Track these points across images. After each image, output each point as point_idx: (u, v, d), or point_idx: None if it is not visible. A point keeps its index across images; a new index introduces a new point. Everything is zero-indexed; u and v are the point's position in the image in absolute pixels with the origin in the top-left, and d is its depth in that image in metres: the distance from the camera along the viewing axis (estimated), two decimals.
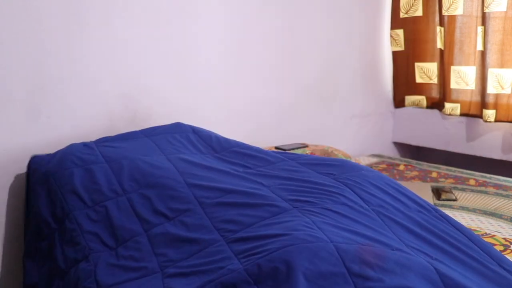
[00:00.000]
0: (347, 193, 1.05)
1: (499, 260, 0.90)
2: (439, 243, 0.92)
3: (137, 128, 1.66)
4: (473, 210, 1.53)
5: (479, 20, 2.20)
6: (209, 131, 1.55)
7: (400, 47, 2.58)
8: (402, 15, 2.52)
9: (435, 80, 2.49)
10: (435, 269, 0.76)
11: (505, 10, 2.11)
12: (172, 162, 1.25)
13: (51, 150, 1.47)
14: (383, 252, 0.78)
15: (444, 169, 2.14)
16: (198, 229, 0.96)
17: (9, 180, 1.41)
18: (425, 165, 2.23)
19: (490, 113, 2.22)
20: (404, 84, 2.63)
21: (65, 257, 1.05)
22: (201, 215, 1.00)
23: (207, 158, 1.33)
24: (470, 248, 0.92)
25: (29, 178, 1.33)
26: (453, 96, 2.38)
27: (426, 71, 2.52)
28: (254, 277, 0.76)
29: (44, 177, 1.26)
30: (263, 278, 0.75)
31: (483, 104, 2.24)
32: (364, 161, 2.34)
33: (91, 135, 1.55)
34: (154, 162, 1.25)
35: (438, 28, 2.38)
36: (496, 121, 2.22)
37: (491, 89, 2.20)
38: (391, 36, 2.60)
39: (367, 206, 1.01)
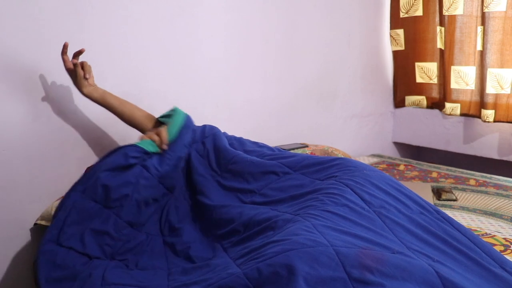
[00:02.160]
0: (348, 194, 1.04)
1: (501, 262, 0.88)
2: (441, 246, 0.91)
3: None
4: (473, 210, 1.53)
5: (479, 20, 2.20)
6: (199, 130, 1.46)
7: (401, 47, 2.58)
8: (402, 15, 2.52)
9: (435, 80, 2.49)
10: (436, 272, 0.75)
11: (504, 10, 2.11)
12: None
13: (51, 150, 1.47)
14: (383, 256, 0.77)
15: (444, 169, 2.14)
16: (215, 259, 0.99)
17: (9, 181, 1.41)
18: (425, 165, 2.23)
19: (489, 113, 2.21)
20: (404, 84, 2.63)
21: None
22: (221, 252, 1.03)
23: (213, 184, 1.27)
24: (472, 250, 0.91)
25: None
26: (453, 96, 2.38)
27: (426, 71, 2.52)
28: (254, 282, 0.75)
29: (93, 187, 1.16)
30: (263, 282, 0.74)
31: (482, 104, 2.24)
32: (364, 161, 2.34)
33: (91, 135, 1.56)
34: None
35: (438, 28, 2.38)
36: (495, 121, 2.22)
37: (490, 89, 2.20)
38: (391, 36, 2.60)
39: (368, 207, 1.00)
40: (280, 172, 1.23)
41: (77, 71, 1.34)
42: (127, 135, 1.63)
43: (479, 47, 2.22)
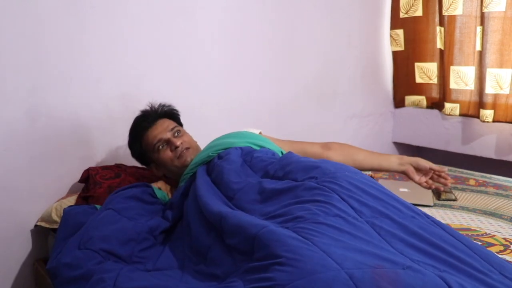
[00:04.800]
0: (336, 202, 0.97)
1: (500, 268, 0.85)
2: (440, 254, 0.87)
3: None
4: (473, 210, 1.53)
5: (478, 20, 2.20)
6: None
7: (400, 47, 2.58)
8: (402, 15, 2.52)
9: (435, 80, 2.49)
10: (449, 286, 0.72)
11: (504, 10, 2.10)
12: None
13: (51, 150, 1.47)
14: (397, 275, 0.73)
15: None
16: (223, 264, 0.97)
17: (9, 181, 1.41)
18: None
19: (488, 113, 2.21)
20: (404, 84, 2.63)
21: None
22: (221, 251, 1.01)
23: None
24: (471, 257, 0.86)
25: None
26: (453, 96, 2.38)
27: (426, 71, 2.52)
28: None
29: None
30: None
31: (481, 104, 2.24)
32: None
33: (91, 135, 1.56)
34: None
35: (438, 28, 2.38)
36: (494, 121, 2.22)
37: (489, 89, 2.20)
38: (391, 36, 2.60)
39: (360, 218, 0.94)
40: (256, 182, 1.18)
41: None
42: (127, 135, 1.63)
43: (478, 47, 2.22)
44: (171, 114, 1.50)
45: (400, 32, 2.55)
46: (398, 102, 2.69)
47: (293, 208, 0.97)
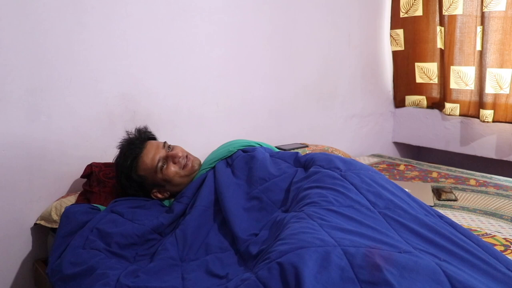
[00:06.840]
0: (353, 194, 1.04)
1: (507, 264, 0.87)
2: (447, 245, 0.90)
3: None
4: (474, 210, 1.53)
5: (479, 19, 2.20)
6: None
7: (400, 47, 2.58)
8: (402, 14, 2.52)
9: (435, 80, 2.49)
10: (443, 271, 0.75)
11: (504, 9, 2.10)
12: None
13: (51, 150, 1.47)
14: (391, 255, 0.77)
15: (444, 169, 2.14)
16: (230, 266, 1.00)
17: (9, 180, 1.41)
18: (425, 165, 2.23)
19: (487, 113, 2.21)
20: (404, 84, 2.63)
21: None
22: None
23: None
24: (479, 251, 0.90)
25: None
26: (453, 96, 2.38)
27: (426, 71, 2.52)
28: (264, 282, 0.76)
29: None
30: (273, 283, 0.75)
31: (481, 104, 2.24)
32: (364, 161, 2.33)
33: (91, 135, 1.56)
34: None
35: (438, 28, 2.38)
36: (494, 121, 2.21)
37: (489, 89, 2.20)
38: (391, 36, 2.60)
39: (373, 208, 1.00)
40: (283, 172, 1.27)
41: None
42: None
43: (478, 47, 2.22)
44: (153, 137, 1.46)
45: (400, 32, 2.55)
46: (398, 102, 2.69)
47: (312, 193, 1.05)
